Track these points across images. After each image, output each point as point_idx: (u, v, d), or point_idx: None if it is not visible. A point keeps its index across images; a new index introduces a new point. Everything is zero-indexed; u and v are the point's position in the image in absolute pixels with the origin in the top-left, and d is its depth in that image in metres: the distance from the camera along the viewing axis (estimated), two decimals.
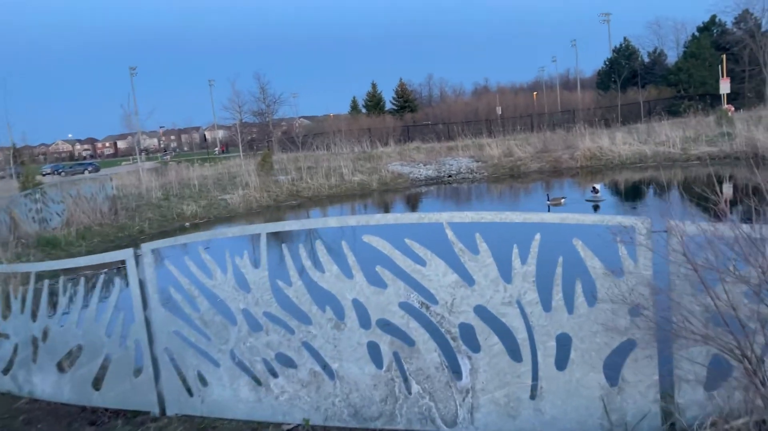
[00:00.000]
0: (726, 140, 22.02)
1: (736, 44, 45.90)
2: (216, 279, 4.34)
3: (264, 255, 4.16)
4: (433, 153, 29.67)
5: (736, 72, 44.05)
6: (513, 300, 3.79)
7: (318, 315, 4.13)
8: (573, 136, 27.65)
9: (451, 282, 3.84)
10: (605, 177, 21.01)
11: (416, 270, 3.87)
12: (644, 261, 3.62)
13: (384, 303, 3.97)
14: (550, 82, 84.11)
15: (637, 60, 53.95)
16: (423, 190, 22.93)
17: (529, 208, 15.94)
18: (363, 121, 52.80)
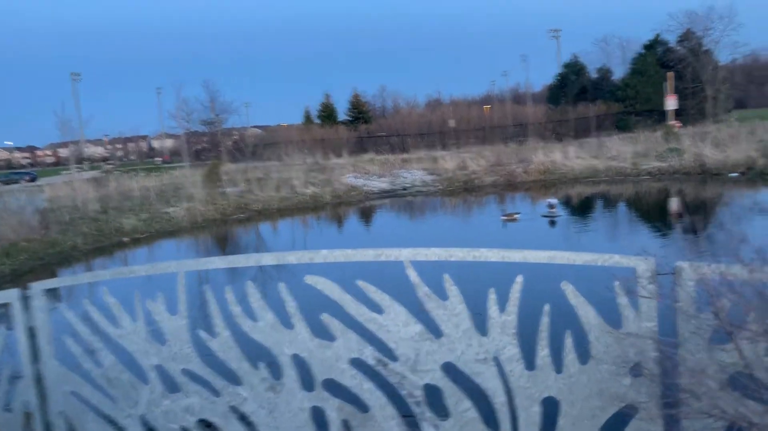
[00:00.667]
0: (675, 156, 22.20)
1: (680, 62, 47.24)
2: (123, 327, 3.47)
3: (183, 299, 3.32)
4: (387, 165, 29.11)
5: (680, 89, 45.23)
6: (489, 357, 3.07)
7: (249, 373, 3.30)
8: (526, 150, 27.84)
9: (413, 334, 3.09)
10: (559, 191, 20.79)
11: (371, 319, 3.10)
12: (647, 311, 2.95)
13: (331, 360, 3.18)
14: (501, 95, 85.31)
15: (586, 76, 54.95)
16: (377, 203, 22.33)
17: (484, 223, 15.65)
18: (316, 132, 51.79)
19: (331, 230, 17.45)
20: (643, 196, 18.35)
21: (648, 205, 17.34)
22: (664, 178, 21.00)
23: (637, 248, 7.38)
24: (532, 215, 15.87)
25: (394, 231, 16.30)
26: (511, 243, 12.58)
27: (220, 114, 50.62)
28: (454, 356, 3.16)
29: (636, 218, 15.40)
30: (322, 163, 31.90)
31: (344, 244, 14.76)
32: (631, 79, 48.06)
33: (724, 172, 20.10)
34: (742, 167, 19.88)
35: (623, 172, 22.42)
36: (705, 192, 18.18)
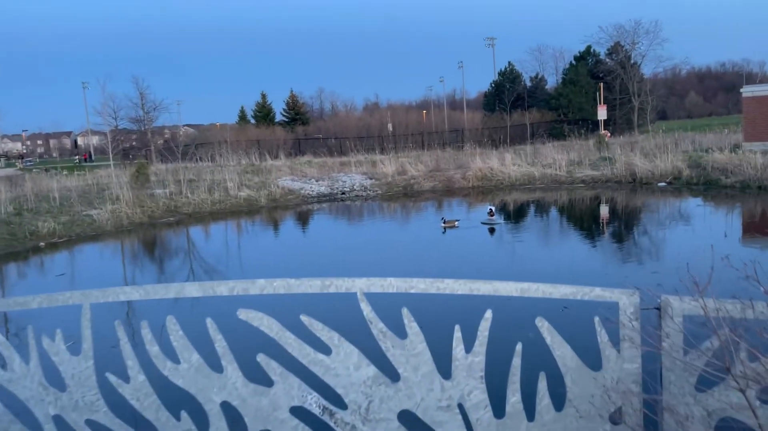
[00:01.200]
0: (607, 165, 22.76)
1: (609, 74, 48.99)
2: (13, 370, 2.83)
3: (88, 335, 2.73)
4: (325, 168, 28.58)
5: (609, 99, 46.91)
6: (453, 403, 2.66)
7: (169, 424, 2.74)
8: (464, 156, 27.72)
9: (366, 378, 2.64)
10: (497, 197, 20.86)
11: (317, 360, 2.63)
12: (630, 351, 2.62)
13: (268, 409, 2.69)
14: (438, 101, 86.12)
15: (521, 84, 56.24)
16: (315, 207, 21.73)
17: (424, 230, 15.28)
18: (252, 132, 50.68)
19: (265, 236, 16.79)
20: (578, 204, 18.60)
21: (582, 212, 17.59)
22: (598, 185, 21.43)
23: (574, 256, 6.97)
24: (472, 222, 15.68)
25: (331, 237, 15.81)
26: (452, 251, 12.34)
27: (150, 111, 48.50)
28: (412, 403, 2.72)
29: (572, 225, 15.47)
30: (258, 164, 30.92)
31: (278, 251, 14.11)
32: (563, 89, 49.58)
33: (653, 182, 20.71)
34: (670, 177, 20.52)
35: (558, 179, 22.77)
36: (635, 200, 18.67)
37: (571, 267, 9.95)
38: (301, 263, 11.41)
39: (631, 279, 8.60)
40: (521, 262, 10.79)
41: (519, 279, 7.73)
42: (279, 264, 11.67)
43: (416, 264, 10.69)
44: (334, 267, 10.94)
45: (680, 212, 15.85)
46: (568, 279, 8.76)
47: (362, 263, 11.08)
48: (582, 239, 13.31)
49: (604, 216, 16.39)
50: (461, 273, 9.74)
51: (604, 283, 7.98)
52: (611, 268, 9.70)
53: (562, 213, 17.50)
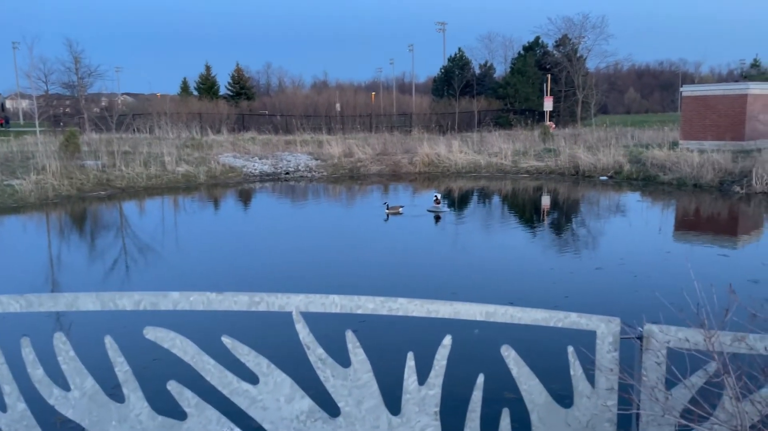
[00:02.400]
0: (552, 156, 22.85)
1: (556, 65, 49.64)
2: None
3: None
4: (269, 146, 27.63)
5: (555, 91, 47.27)
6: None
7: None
8: (412, 140, 27.34)
9: (300, 413, 2.18)
10: (442, 184, 20.55)
11: (240, 390, 2.15)
12: (607, 385, 2.26)
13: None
14: (387, 83, 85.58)
15: (470, 70, 56.29)
16: (257, 186, 20.89)
17: (367, 215, 14.78)
18: (194, 105, 48.61)
19: (201, 215, 15.96)
20: (522, 194, 18.56)
21: (526, 202, 17.58)
22: (542, 176, 21.48)
23: (517, 248, 8.46)
24: (417, 209, 15.31)
25: (270, 219, 15.13)
26: (394, 238, 11.92)
27: (85, 77, 45.80)
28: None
29: (516, 215, 15.40)
30: (199, 139, 29.64)
31: (213, 233, 13.33)
32: (511, 78, 49.97)
33: (595, 175, 20.88)
34: (611, 171, 20.74)
35: (504, 168, 22.76)
36: (578, 192, 18.82)
37: (515, 260, 9.80)
38: (233, 249, 10.74)
39: (577, 275, 8.54)
40: (465, 253, 10.52)
41: (460, 270, 8.04)
42: (212, 249, 10.99)
43: (356, 256, 10.22)
44: (268, 254, 10.39)
45: (619, 206, 15.98)
46: (512, 273, 8.65)
47: (299, 251, 10.48)
48: (524, 230, 13.20)
49: (546, 207, 16.35)
50: (402, 265, 9.38)
51: (548, 278, 8.01)
52: (555, 262, 9.55)
53: (507, 202, 17.44)
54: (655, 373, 2.35)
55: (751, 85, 22.22)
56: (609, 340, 2.38)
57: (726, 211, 14.96)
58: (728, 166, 17.87)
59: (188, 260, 10.23)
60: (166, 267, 9.68)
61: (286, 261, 9.61)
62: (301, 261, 9.52)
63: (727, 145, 21.38)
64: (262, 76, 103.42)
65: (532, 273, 8.64)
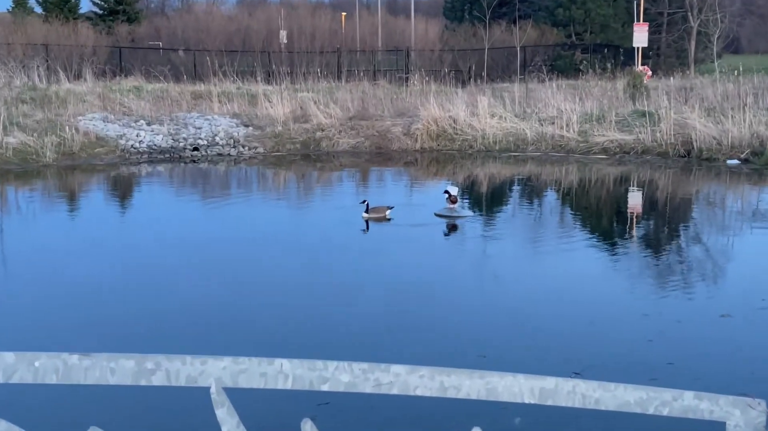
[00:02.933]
0: (646, 124, 16.68)
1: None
2: None
3: None
4: (166, 102, 19.95)
5: (652, 15, 34.19)
6: None
7: None
8: (409, 96, 20.38)
9: None
10: (461, 171, 15.31)
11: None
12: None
13: None
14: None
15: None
16: (143, 171, 14.99)
17: (334, 221, 10.48)
18: (35, 30, 34.46)
19: (45, 220, 10.97)
20: (596, 189, 13.71)
21: (602, 203, 12.73)
22: (629, 159, 15.66)
23: (591, 285, 7.30)
24: (419, 212, 10.75)
25: (165, 225, 10.57)
26: (380, 262, 8.59)
27: None
28: None
29: (583, 224, 11.16)
30: (44, 88, 21.22)
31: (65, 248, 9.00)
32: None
33: (719, 157, 15.22)
34: (746, 151, 15.00)
35: (565, 145, 16.53)
36: (687, 186, 13.81)
37: (584, 301, 7.02)
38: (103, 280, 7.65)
39: (690, 327, 6.23)
40: (499, 289, 7.72)
41: (491, 317, 6.52)
42: (66, 279, 7.80)
43: (317, 290, 7.43)
44: (165, 287, 7.62)
45: (760, 210, 11.74)
46: (578, 323, 6.27)
47: (219, 282, 7.61)
48: (600, 250, 9.59)
49: (636, 211, 12.47)
50: (394, 306, 6.91)
51: (640, 332, 6.15)
52: (651, 304, 6.97)
53: (569, 203, 12.98)
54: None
55: None
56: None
57: None
58: None
59: (22, 299, 7.24)
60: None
61: (199, 300, 7.08)
62: (223, 301, 7.02)
63: None
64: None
65: (614, 323, 6.47)
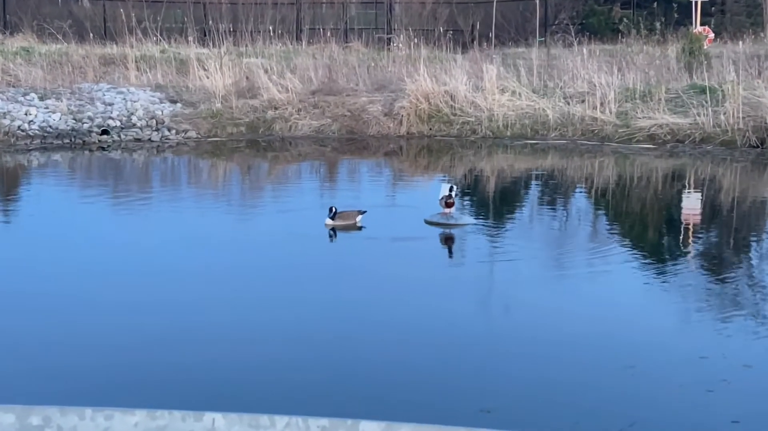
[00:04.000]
0: (706, 103, 14.72)
1: None
2: None
3: None
4: (66, 69, 17.54)
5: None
6: None
7: None
8: (392, 64, 18.22)
9: None
10: (460, 163, 13.36)
11: None
12: None
13: None
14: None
15: None
16: (35, 159, 13.01)
17: (291, 230, 8.04)
18: None
19: None
20: (640, 187, 11.49)
21: (647, 205, 10.41)
22: (684, 149, 13.49)
23: (639, 320, 5.40)
24: (405, 219, 9.01)
25: (66, 235, 8.23)
26: (352, 285, 6.55)
27: None
28: None
29: (621, 234, 8.88)
30: None
31: None
32: None
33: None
34: None
35: (599, 131, 14.36)
36: (759, 185, 11.38)
37: (621, 339, 5.56)
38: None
39: (759, 370, 5.02)
40: (509, 322, 6.07)
41: (500, 360, 4.89)
42: None
43: (270, 325, 5.65)
44: (69, 321, 5.78)
45: None
46: (615, 367, 4.93)
47: (137, 310, 5.85)
48: (644, 269, 7.62)
49: (692, 218, 10.03)
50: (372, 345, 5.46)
51: (697, 379, 4.88)
52: (710, 343, 5.65)
53: (603, 206, 10.72)
54: None
55: None
56: None
57: None
58: None
59: None
60: None
61: (91, 332, 5.67)
62: (145, 339, 5.60)
63: None
64: None
65: (662, 369, 5.14)
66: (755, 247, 9.01)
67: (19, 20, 24.13)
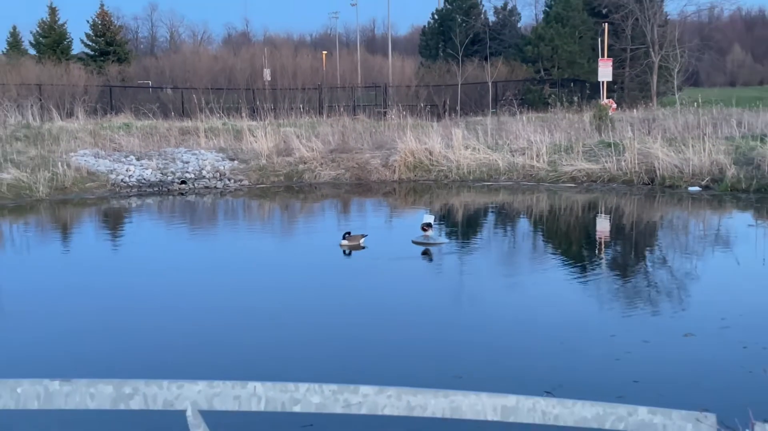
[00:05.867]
0: (611, 154, 17.65)
1: (617, 10, 36.92)
2: None
3: None
4: (155, 138, 21.30)
5: (616, 51, 36.07)
6: None
7: None
8: (388, 129, 21.71)
9: None
10: (437, 200, 16.15)
11: None
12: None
13: None
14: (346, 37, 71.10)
15: (480, 18, 42.97)
16: (133, 204, 15.73)
17: (316, 249, 11.08)
18: (29, 70, 36.10)
19: (37, 253, 11.46)
20: (565, 215, 14.31)
21: (572, 229, 13.32)
22: (596, 187, 16.59)
23: (561, 307, 7.21)
24: (396, 239, 11.65)
25: (153, 257, 11.04)
26: (360, 289, 9.08)
27: None
28: None
29: (554, 249, 11.78)
30: (38, 126, 22.69)
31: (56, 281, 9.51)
32: (546, 30, 37.66)
33: (680, 184, 16.21)
34: (707, 178, 16.01)
35: (535, 174, 17.50)
36: (652, 212, 14.46)
37: (554, 324, 7.25)
38: (91, 310, 7.92)
39: (655, 347, 6.37)
40: (473, 312, 7.98)
41: (466, 341, 6.50)
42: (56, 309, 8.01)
43: (296, 317, 7.70)
44: (150, 318, 7.70)
45: (721, 235, 12.51)
46: (549, 345, 6.47)
47: (203, 310, 7.89)
48: (570, 274, 9.92)
49: (603, 237, 12.87)
50: (372, 331, 7.21)
51: (608, 352, 6.24)
52: (619, 325, 7.33)
53: (540, 229, 13.59)
54: None
55: None
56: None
57: None
58: None
59: (14, 330, 7.46)
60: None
61: (181, 331, 7.34)
62: (206, 331, 7.22)
63: None
64: (142, 25, 79.94)
65: (583, 343, 6.72)
66: (649, 255, 11.22)
67: (121, 104, 30.97)
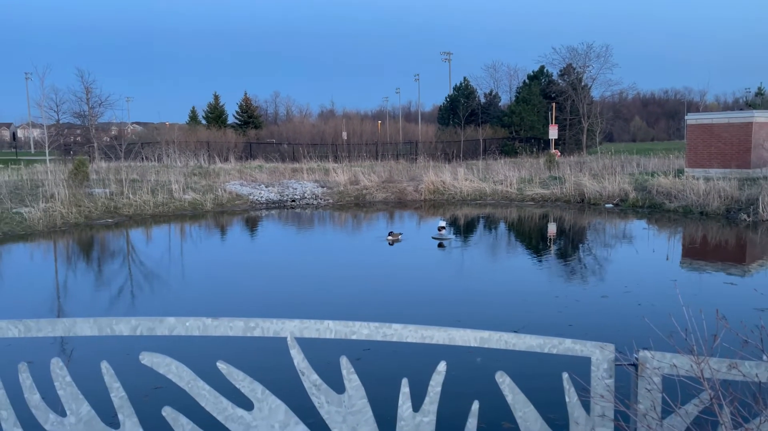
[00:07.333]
0: (557, 184, 22.80)
1: (561, 94, 50.27)
2: None
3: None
4: (276, 174, 27.92)
5: (560, 119, 48.03)
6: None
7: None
8: (417, 168, 27.88)
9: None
10: (447, 211, 20.38)
11: (235, 416, 2.16)
12: (602, 410, 2.25)
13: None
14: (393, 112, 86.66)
15: (475, 99, 57.01)
16: (263, 213, 20.89)
17: (369, 242, 14.69)
18: (202, 133, 48.90)
19: (206, 242, 15.97)
20: (528, 221, 18.37)
21: (531, 229, 17.19)
22: (547, 204, 21.30)
23: (522, 275, 8.42)
24: (422, 236, 15.23)
25: (275, 245, 15.12)
26: (397, 266, 11.84)
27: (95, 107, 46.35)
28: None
29: (521, 242, 15.23)
30: (206, 167, 30.08)
31: (216, 258, 13.38)
32: (516, 107, 50.54)
33: (600, 203, 20.80)
34: (617, 198, 20.68)
35: (509, 196, 22.77)
36: (582, 219, 18.40)
37: (520, 288, 9.72)
38: (235, 276, 10.87)
39: (582, 303, 8.45)
40: (469, 281, 10.44)
41: (463, 298, 8.50)
42: (214, 275, 11.01)
43: (357, 283, 10.27)
44: (269, 281, 10.36)
45: (626, 234, 15.77)
46: (517, 300, 8.56)
47: (301, 278, 10.54)
48: (530, 257, 13.06)
49: (552, 235, 16.16)
50: (404, 292, 9.35)
51: (553, 306, 7.90)
52: (561, 289, 9.45)
53: (512, 230, 17.31)
54: (649, 401, 2.34)
55: (756, 113, 22.31)
56: (604, 367, 2.37)
57: (733, 239, 14.74)
58: (734, 194, 17.84)
59: (190, 287, 10.24)
60: (169, 294, 9.71)
61: (287, 289, 9.65)
62: (302, 289, 9.56)
63: (733, 173, 21.39)
64: (269, 105, 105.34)
65: (538, 301, 8.57)
66: (581, 246, 13.94)
67: (257, 153, 41.55)
